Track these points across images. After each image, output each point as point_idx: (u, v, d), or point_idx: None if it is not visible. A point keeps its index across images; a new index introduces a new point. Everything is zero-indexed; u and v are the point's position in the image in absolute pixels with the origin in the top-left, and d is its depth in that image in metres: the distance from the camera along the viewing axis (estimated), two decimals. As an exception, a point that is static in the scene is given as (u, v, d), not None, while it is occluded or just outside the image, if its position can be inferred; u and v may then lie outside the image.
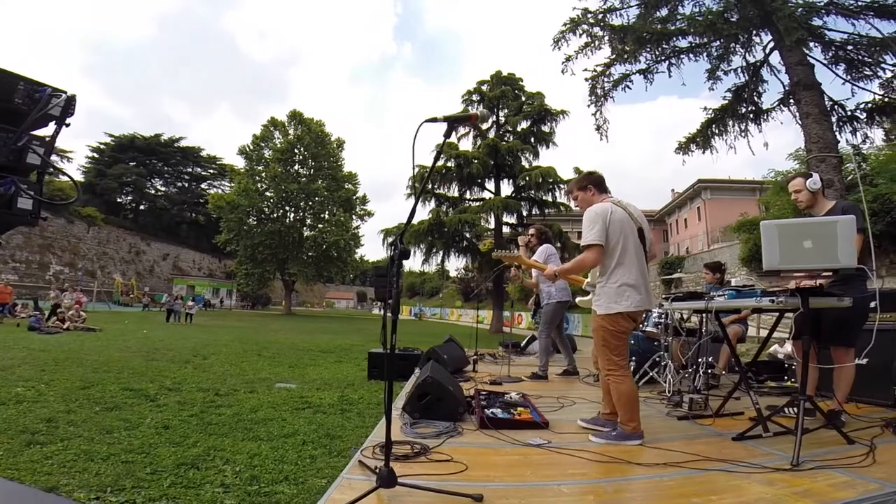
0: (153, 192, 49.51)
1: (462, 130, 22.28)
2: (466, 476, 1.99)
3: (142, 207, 48.49)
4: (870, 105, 9.44)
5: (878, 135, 10.38)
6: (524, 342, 7.94)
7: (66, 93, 1.47)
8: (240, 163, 36.04)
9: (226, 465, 2.67)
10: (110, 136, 46.85)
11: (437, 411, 2.82)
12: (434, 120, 1.93)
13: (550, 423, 2.86)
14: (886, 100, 9.23)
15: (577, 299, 4.21)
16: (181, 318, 18.05)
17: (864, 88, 9.25)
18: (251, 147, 34.24)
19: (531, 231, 5.24)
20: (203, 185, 51.86)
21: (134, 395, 4.40)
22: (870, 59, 8.98)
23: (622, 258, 2.64)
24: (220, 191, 43.97)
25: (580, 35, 10.36)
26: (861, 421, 2.94)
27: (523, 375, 4.92)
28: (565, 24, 10.41)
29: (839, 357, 2.97)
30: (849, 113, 9.55)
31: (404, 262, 1.88)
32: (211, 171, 51.90)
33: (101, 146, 46.28)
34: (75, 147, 46.10)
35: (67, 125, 1.51)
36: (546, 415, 3.03)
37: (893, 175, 11.68)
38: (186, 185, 51.79)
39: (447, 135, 1.94)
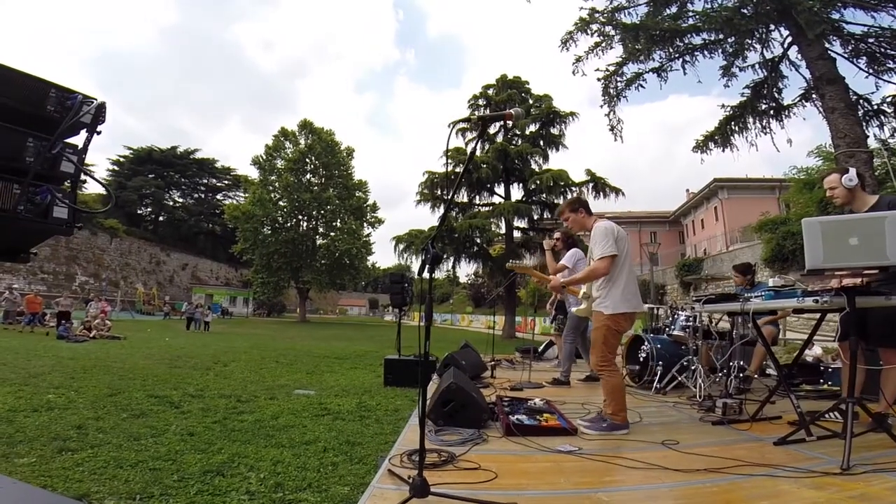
0: (171, 203, 50.51)
1: (470, 135, 22.32)
2: (497, 484, 1.92)
3: (161, 219, 49.48)
4: (896, 98, 9.14)
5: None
6: (542, 347, 7.84)
7: (96, 100, 1.48)
8: (253, 173, 36.57)
9: (250, 472, 2.68)
10: (129, 149, 47.94)
11: (461, 418, 2.77)
12: (468, 120, 1.95)
13: (579, 430, 2.80)
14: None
15: (574, 309, 4.18)
16: (200, 326, 18.34)
17: (888, 81, 8.95)
18: (264, 157, 34.70)
19: (556, 235, 5.14)
20: (219, 196, 52.73)
21: (159, 401, 4.46)
22: (893, 52, 8.70)
23: (624, 267, 3.02)
24: (235, 201, 44.58)
25: (591, 35, 10.26)
26: None
27: (544, 381, 4.84)
28: (575, 24, 10.31)
29: (889, 358, 2.85)
30: (875, 107, 9.23)
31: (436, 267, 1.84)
32: (226, 181, 52.77)
33: (121, 159, 47.40)
34: (96, 160, 47.20)
35: (98, 133, 1.51)
36: (573, 421, 2.96)
37: None
38: (203, 196, 52.74)
39: (481, 135, 1.93)
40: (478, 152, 21.71)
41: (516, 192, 21.43)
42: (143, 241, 41.73)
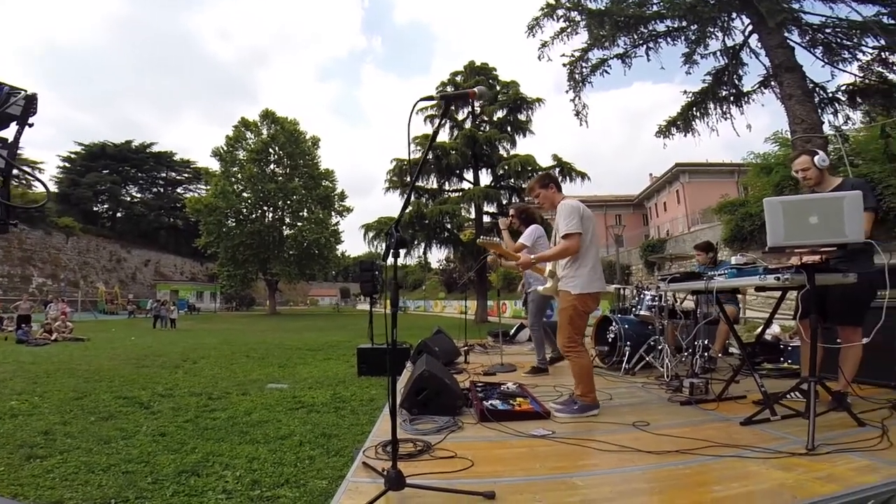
0: (129, 198, 48.32)
1: (437, 122, 22.10)
2: (474, 472, 1.93)
3: (119, 215, 47.34)
4: (850, 87, 9.58)
5: (857, 116, 10.61)
6: (513, 331, 7.98)
7: (24, 91, 1.41)
8: (214, 165, 35.39)
9: (226, 471, 2.65)
10: (81, 145, 45.50)
11: (436, 406, 2.77)
12: (430, 98, 1.85)
13: (552, 413, 2.83)
14: (867, 82, 9.36)
15: (540, 287, 4.07)
16: (167, 324, 17.77)
17: (843, 70, 9.41)
18: (225, 149, 33.54)
19: (511, 212, 4.93)
20: (179, 190, 50.80)
21: (128, 402, 4.34)
22: (848, 42, 9.10)
23: (590, 247, 2.99)
24: (196, 194, 43.04)
25: (557, 20, 10.35)
26: (867, 403, 2.86)
27: (516, 364, 4.90)
28: (542, 9, 10.37)
29: (847, 336, 2.87)
30: (830, 94, 9.70)
31: (401, 251, 1.82)
32: (186, 174, 50.84)
33: (73, 156, 44.96)
34: (45, 157, 44.58)
35: (30, 125, 1.44)
36: (546, 404, 3.00)
37: (874, 155, 12.00)
38: (162, 190, 50.69)
39: (444, 114, 1.88)
40: (446, 138, 21.68)
41: (485, 178, 21.62)
42: (101, 239, 39.90)
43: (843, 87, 9.59)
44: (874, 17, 8.37)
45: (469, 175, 21.56)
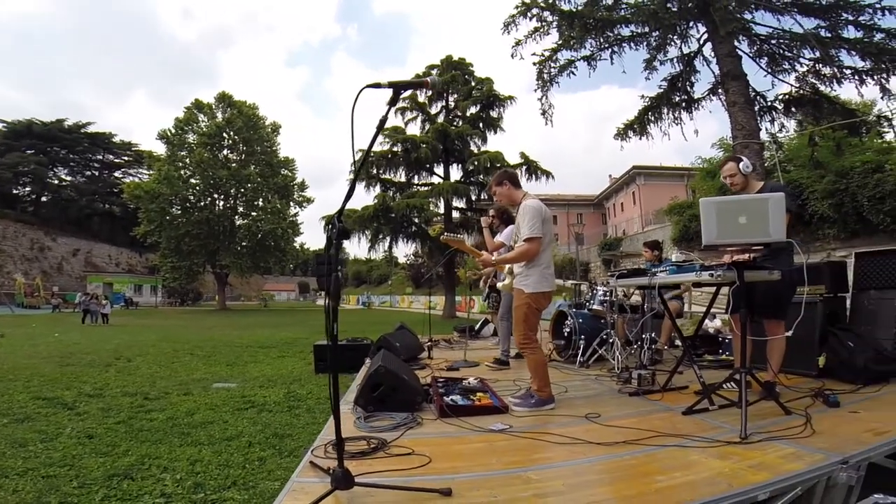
0: (57, 182, 44.44)
1: (409, 115, 21.97)
2: (431, 469, 1.92)
3: (44, 199, 43.35)
4: (786, 96, 10.27)
5: (791, 125, 11.45)
6: (478, 325, 8.00)
7: None
8: (160, 148, 33.09)
9: (164, 474, 2.48)
10: (2, 122, 41.22)
11: (393, 402, 2.70)
12: (378, 85, 1.69)
13: (510, 408, 2.85)
14: (802, 92, 10.04)
15: (499, 284, 4.18)
16: (98, 319, 16.47)
17: (782, 80, 10.07)
18: (173, 131, 31.48)
19: (491, 213, 5.08)
20: (117, 174, 47.22)
21: (48, 403, 3.99)
22: (789, 53, 9.76)
23: (547, 247, 3.09)
24: (136, 179, 40.10)
25: (531, 19, 10.45)
26: (792, 392, 3.06)
27: (481, 360, 4.89)
28: (516, 7, 10.45)
29: (772, 329, 3.07)
30: (769, 103, 10.37)
31: (345, 242, 1.68)
32: (126, 158, 47.30)
33: (-8, 133, 40.69)
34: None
35: None
36: (505, 398, 3.02)
37: (803, 162, 12.97)
38: (97, 173, 46.97)
39: (392, 102, 1.75)
40: (417, 131, 21.52)
41: (455, 173, 21.72)
42: (20, 225, 36.58)
43: (780, 97, 10.31)
44: (813, 30, 9.02)
45: (439, 170, 21.57)
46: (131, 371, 5.96)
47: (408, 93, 20.94)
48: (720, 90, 9.85)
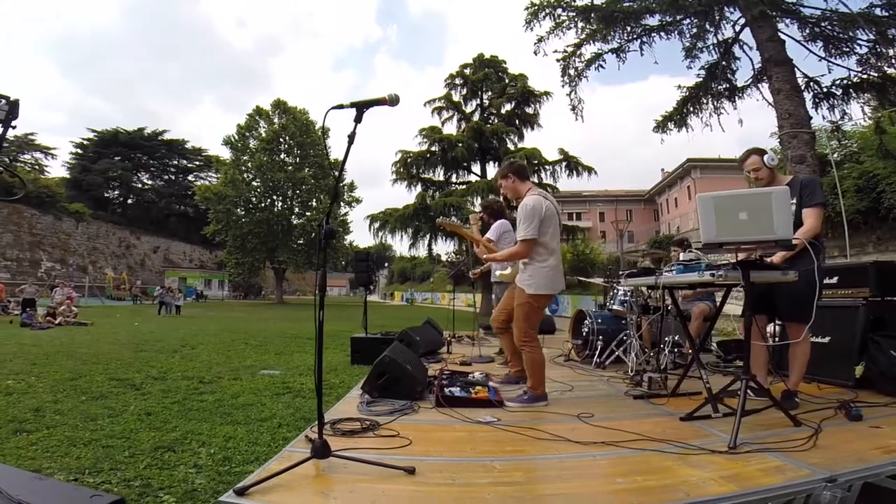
0: (140, 185, 49.26)
1: (446, 115, 22.24)
2: (408, 451, 2.05)
3: (129, 202, 48.26)
4: (846, 81, 9.46)
5: (857, 112, 10.53)
6: None
7: (8, 98, 1.60)
8: (225, 153, 35.82)
9: (201, 448, 2.80)
10: (93, 131, 46.38)
11: (396, 390, 2.92)
12: (341, 107, 1.93)
13: (504, 402, 2.97)
14: (865, 76, 9.21)
15: (498, 273, 4.15)
16: (172, 310, 18.16)
17: (839, 65, 9.28)
18: (236, 137, 33.93)
19: (477, 209, 5.18)
20: (190, 178, 51.44)
21: (120, 384, 4.51)
22: (844, 36, 8.98)
23: (552, 245, 3.04)
24: (206, 182, 43.59)
25: (543, 18, 10.39)
26: (817, 402, 2.87)
27: (496, 356, 5.01)
28: (527, 9, 10.43)
29: (793, 333, 2.89)
30: (825, 89, 9.60)
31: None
32: (197, 162, 51.46)
33: (85, 142, 45.91)
34: (59, 143, 45.67)
35: (14, 127, 1.63)
36: (506, 394, 3.15)
37: (875, 152, 11.70)
38: (173, 177, 51.47)
39: (357, 119, 1.96)
40: (453, 130, 21.75)
41: (492, 171, 21.57)
42: (111, 225, 40.79)
43: (837, 81, 9.51)
44: (862, 10, 8.25)
45: (476, 168, 21.67)
46: (193, 357, 6.54)
47: (442, 93, 21.51)
48: (764, 77, 9.24)
